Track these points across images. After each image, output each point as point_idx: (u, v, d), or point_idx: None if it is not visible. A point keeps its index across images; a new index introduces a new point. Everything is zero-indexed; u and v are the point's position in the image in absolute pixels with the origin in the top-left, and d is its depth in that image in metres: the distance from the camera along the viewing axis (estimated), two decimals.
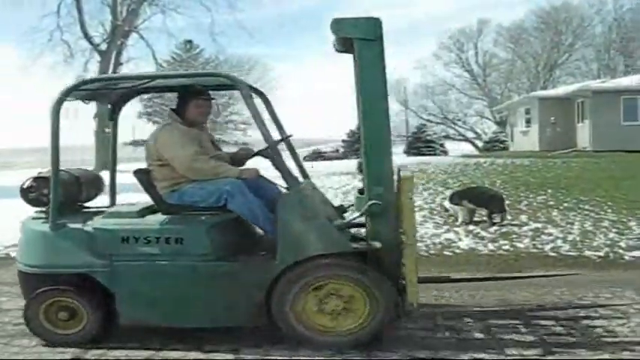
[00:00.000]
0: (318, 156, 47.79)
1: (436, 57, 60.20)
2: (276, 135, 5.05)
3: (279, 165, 4.60)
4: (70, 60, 33.76)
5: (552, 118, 29.53)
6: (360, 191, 4.84)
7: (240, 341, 4.53)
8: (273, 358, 4.30)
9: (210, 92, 5.20)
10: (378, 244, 4.36)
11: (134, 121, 48.45)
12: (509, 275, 6.40)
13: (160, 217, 4.82)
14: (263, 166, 4.93)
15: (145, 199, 5.10)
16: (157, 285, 4.59)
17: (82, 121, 32.66)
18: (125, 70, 34.31)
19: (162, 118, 46.50)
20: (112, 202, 5.64)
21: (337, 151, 51.54)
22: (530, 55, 56.24)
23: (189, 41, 47.72)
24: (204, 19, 35.38)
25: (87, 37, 33.41)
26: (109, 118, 5.72)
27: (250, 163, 5.29)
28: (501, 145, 41.99)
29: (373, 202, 4.40)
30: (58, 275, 4.72)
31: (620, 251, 7.77)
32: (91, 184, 5.45)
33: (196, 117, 5.04)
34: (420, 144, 46.35)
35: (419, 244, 8.23)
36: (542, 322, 4.93)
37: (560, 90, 33.72)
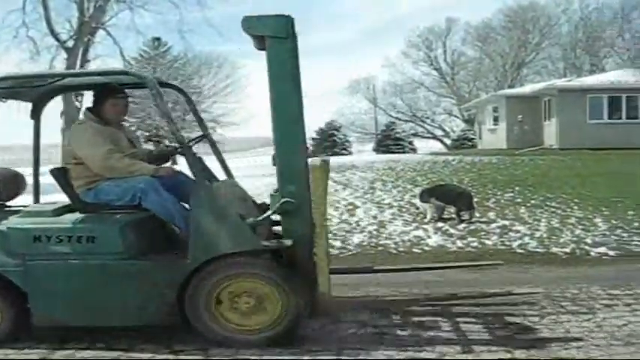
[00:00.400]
0: None
1: (405, 55, 60.31)
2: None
3: (192, 163, 4.63)
4: (36, 57, 33.21)
5: (520, 117, 29.80)
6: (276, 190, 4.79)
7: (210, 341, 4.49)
8: (242, 357, 4.27)
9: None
10: (288, 242, 4.41)
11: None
12: (434, 266, 6.62)
13: (75, 216, 4.75)
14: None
15: None
16: (69, 284, 4.54)
17: (49, 119, 32.24)
18: (92, 67, 33.96)
19: (130, 116, 46.18)
20: (36, 201, 5.53)
21: (307, 149, 51.53)
22: (497, 54, 56.65)
23: (158, 39, 47.24)
24: (172, 16, 35.15)
25: (53, 33, 32.91)
26: (30, 116, 5.58)
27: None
28: (469, 143, 42.29)
29: (285, 199, 4.44)
30: None
31: (587, 247, 7.88)
32: (11, 183, 5.40)
33: (112, 115, 5.01)
34: (389, 142, 46.42)
35: (388, 242, 8.31)
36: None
37: (527, 88, 34.01)
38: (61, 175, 4.95)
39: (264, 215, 4.60)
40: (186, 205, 4.70)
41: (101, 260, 4.49)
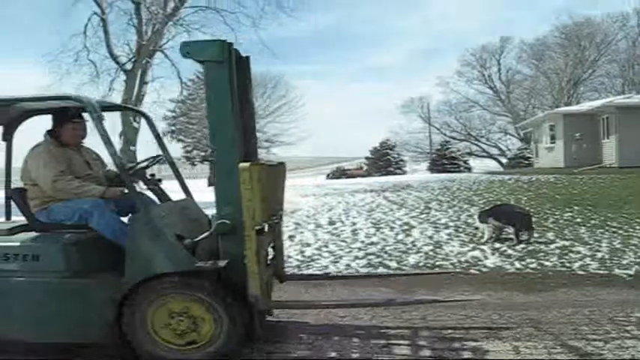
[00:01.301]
0: (342, 174, 47.76)
1: (459, 74, 60.18)
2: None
3: (129, 187, 4.82)
4: (96, 79, 34.04)
5: (577, 134, 29.27)
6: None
7: None
8: None
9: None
10: (222, 263, 4.43)
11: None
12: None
13: (25, 235, 4.91)
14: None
15: None
16: (17, 301, 4.67)
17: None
18: (150, 89, 34.63)
19: (187, 136, 46.98)
20: (7, 219, 5.66)
21: (361, 168, 51.46)
22: (553, 72, 55.87)
23: None
24: (227, 38, 35.63)
25: (113, 56, 33.71)
26: (2, 138, 5.74)
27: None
28: (526, 162, 41.74)
29: (221, 221, 4.51)
30: None
31: None
32: None
33: (69, 138, 5.22)
34: (444, 161, 46.19)
35: (444, 262, 8.21)
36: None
37: (585, 106, 33.40)
38: (17, 195, 5.21)
39: (201, 237, 4.62)
40: None
41: (45, 278, 4.63)
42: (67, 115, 5.19)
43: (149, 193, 5.59)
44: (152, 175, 5.58)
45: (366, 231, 10.40)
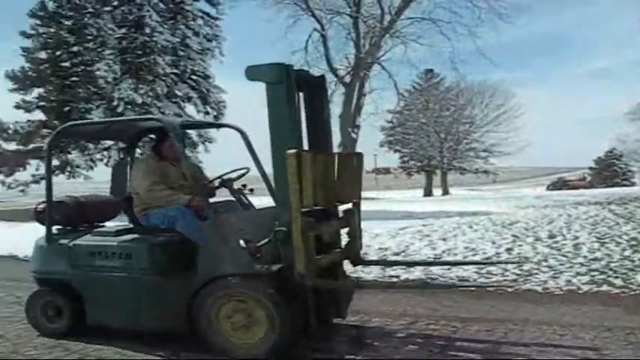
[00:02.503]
0: (563, 184, 45.59)
1: None
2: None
3: (202, 195, 5.75)
4: None
5: None
6: None
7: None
8: None
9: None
10: (275, 267, 4.87)
11: (376, 149, 49.67)
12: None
13: (127, 236, 5.67)
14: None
15: None
16: (112, 293, 5.52)
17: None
18: (368, 100, 35.27)
19: (403, 146, 47.39)
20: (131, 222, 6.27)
21: (584, 179, 48.77)
22: None
23: (430, 70, 47.98)
24: (444, 48, 35.35)
25: (332, 70, 34.80)
26: (125, 154, 6.84)
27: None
28: None
29: (279, 229, 4.84)
30: (50, 279, 5.95)
31: None
32: (98, 208, 6.51)
33: (167, 153, 6.01)
34: None
35: None
36: None
37: None
38: (126, 202, 6.09)
39: (262, 242, 4.93)
40: None
41: (134, 274, 5.41)
42: (164, 134, 5.91)
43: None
44: (244, 185, 6.14)
45: (589, 246, 9.75)
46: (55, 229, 6.09)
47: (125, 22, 25.62)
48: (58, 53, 25.58)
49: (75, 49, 25.14)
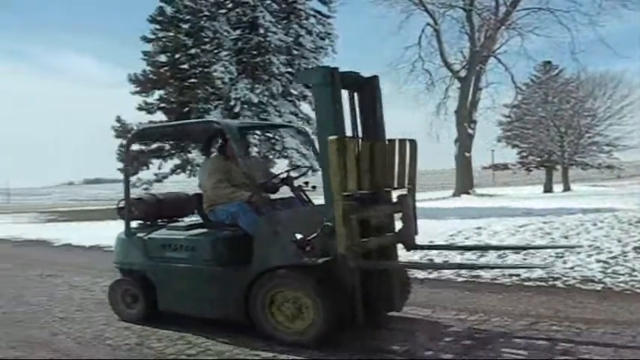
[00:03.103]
0: None
1: None
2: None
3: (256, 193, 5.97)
4: (432, 87, 35.01)
5: None
6: None
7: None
8: None
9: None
10: (319, 260, 5.12)
11: (493, 145, 48.52)
12: None
13: (195, 230, 6.22)
14: None
15: None
16: (179, 283, 6.08)
17: (442, 146, 33.62)
18: (484, 94, 34.55)
19: (522, 141, 46.02)
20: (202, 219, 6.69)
21: None
22: None
23: (548, 62, 46.33)
24: (563, 38, 34.14)
25: (447, 65, 34.40)
26: (202, 153, 7.31)
27: None
28: None
29: (326, 223, 5.09)
30: (128, 269, 6.63)
31: None
32: (176, 204, 7.15)
33: (231, 153, 6.35)
34: None
35: None
36: None
37: None
38: (196, 199, 6.58)
39: (311, 236, 5.19)
40: None
41: (198, 265, 5.94)
42: (244, 133, 6.50)
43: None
44: (306, 182, 6.64)
45: None
46: (135, 224, 6.82)
47: (240, 24, 26.13)
48: (176, 56, 26.43)
49: (193, 51, 25.85)
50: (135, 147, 26.95)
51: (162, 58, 26.90)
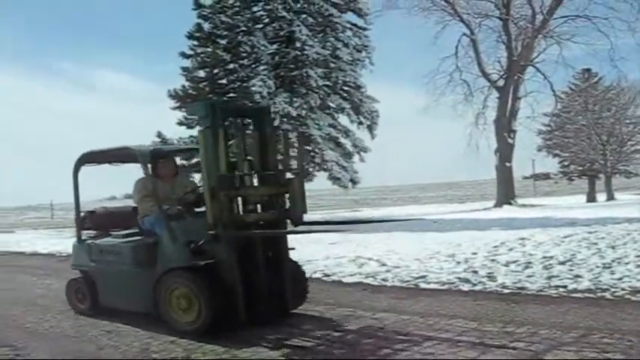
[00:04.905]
0: None
1: None
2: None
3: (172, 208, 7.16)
4: (470, 98, 34.78)
5: None
6: None
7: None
8: None
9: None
10: (201, 262, 6.24)
11: (534, 154, 47.94)
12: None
13: (125, 238, 7.35)
14: None
15: None
16: (111, 282, 7.36)
17: (481, 156, 33.36)
18: (523, 104, 34.17)
19: (563, 150, 45.42)
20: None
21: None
22: None
23: (588, 70, 45.73)
24: (602, 45, 33.67)
25: (484, 74, 34.19)
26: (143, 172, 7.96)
27: None
28: None
29: (209, 232, 6.25)
30: (80, 270, 7.91)
31: None
32: (124, 216, 8.14)
33: (159, 172, 7.64)
34: None
35: None
36: None
37: None
38: (133, 211, 7.83)
39: (200, 242, 6.42)
40: None
41: (124, 267, 7.08)
42: (157, 157, 7.60)
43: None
44: None
45: None
46: (89, 233, 8.08)
47: (277, 38, 26.36)
48: (215, 71, 26.76)
49: (231, 66, 26.15)
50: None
51: (201, 73, 27.21)
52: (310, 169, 26.07)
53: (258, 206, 6.73)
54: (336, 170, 25.58)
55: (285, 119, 24.65)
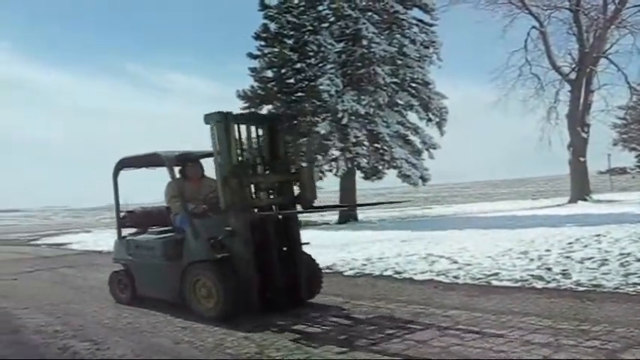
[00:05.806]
0: None
1: None
2: None
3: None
4: (541, 92, 34.07)
5: None
6: None
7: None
8: None
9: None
10: (218, 256, 7.04)
11: (609, 149, 46.68)
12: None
13: (161, 235, 8.20)
14: None
15: None
16: (146, 274, 8.32)
17: (554, 151, 32.66)
18: (596, 97, 33.28)
19: (639, 144, 44.08)
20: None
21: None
22: None
23: None
24: None
25: (555, 68, 33.42)
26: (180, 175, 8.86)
27: None
28: None
29: (226, 228, 7.03)
30: (120, 264, 8.91)
31: None
32: (161, 215, 8.81)
33: (188, 174, 8.45)
34: None
35: None
36: None
37: None
38: (167, 210, 8.48)
39: (220, 237, 7.12)
40: None
41: (155, 260, 7.96)
42: (186, 160, 8.35)
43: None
44: None
45: None
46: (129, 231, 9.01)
47: (343, 37, 26.37)
48: (282, 71, 27.03)
49: (298, 65, 26.38)
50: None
51: (269, 73, 27.47)
52: (380, 167, 26.01)
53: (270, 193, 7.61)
54: (405, 168, 25.46)
55: (353, 117, 24.68)
